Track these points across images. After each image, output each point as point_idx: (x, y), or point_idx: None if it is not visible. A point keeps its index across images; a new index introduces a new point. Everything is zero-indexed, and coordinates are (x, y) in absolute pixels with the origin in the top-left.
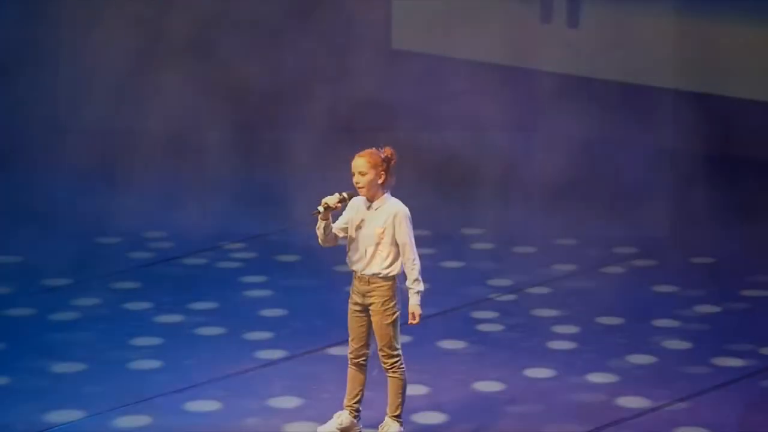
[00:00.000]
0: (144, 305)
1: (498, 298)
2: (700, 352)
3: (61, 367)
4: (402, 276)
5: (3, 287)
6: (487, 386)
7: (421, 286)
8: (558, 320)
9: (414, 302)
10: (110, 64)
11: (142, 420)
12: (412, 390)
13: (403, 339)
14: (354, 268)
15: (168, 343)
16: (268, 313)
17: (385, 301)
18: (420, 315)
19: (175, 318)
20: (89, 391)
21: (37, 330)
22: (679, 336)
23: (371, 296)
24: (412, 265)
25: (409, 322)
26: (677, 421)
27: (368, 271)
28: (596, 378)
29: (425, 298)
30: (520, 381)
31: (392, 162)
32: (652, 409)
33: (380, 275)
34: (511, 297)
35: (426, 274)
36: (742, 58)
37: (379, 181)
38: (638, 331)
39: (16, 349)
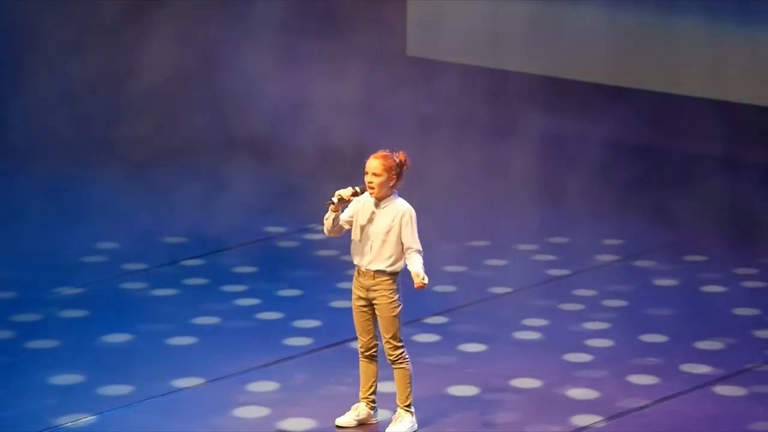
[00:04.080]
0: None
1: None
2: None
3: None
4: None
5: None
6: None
7: (421, 262)
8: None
9: (418, 267)
10: None
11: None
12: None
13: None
14: (358, 262)
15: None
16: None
17: (390, 293)
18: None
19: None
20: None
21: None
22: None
23: (376, 290)
24: (417, 255)
25: (417, 284)
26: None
27: (373, 267)
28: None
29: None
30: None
31: (405, 167)
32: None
33: (386, 271)
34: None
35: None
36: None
37: (390, 184)
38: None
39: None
